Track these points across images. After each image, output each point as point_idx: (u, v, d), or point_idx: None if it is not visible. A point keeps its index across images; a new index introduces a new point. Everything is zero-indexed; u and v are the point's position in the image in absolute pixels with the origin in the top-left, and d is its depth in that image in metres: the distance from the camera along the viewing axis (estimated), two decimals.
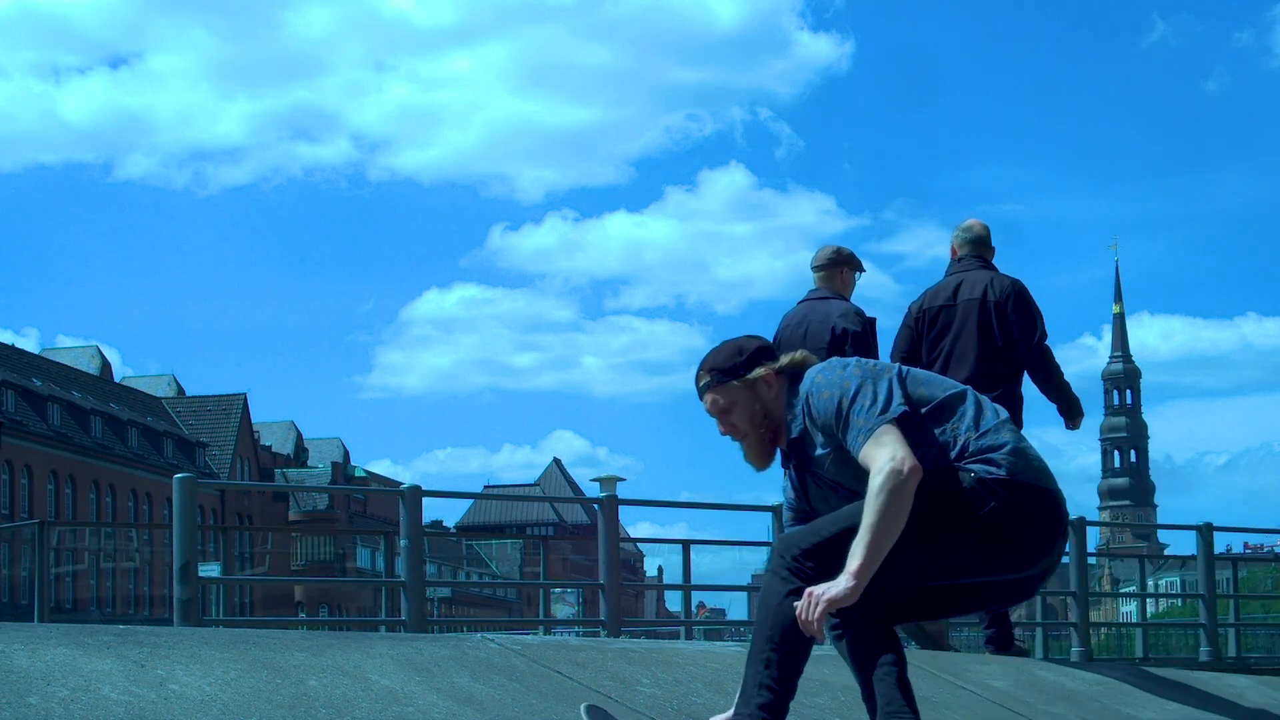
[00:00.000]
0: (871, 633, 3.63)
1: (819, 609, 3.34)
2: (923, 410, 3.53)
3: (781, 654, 3.50)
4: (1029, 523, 3.51)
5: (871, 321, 7.12)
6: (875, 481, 3.36)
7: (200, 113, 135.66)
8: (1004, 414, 3.62)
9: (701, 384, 3.71)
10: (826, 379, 3.57)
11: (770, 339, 7.29)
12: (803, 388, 3.61)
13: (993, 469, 3.48)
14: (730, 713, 3.66)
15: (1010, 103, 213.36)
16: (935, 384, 3.63)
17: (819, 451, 3.59)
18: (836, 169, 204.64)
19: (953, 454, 3.50)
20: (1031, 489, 3.51)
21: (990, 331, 6.76)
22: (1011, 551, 3.52)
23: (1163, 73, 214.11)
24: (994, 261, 7.13)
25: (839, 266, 7.27)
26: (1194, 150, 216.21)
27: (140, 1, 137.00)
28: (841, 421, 3.49)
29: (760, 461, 3.70)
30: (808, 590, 3.37)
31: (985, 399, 3.65)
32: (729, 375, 3.66)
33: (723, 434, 3.70)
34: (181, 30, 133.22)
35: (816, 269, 7.32)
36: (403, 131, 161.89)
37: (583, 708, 3.84)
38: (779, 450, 3.72)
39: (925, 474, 3.40)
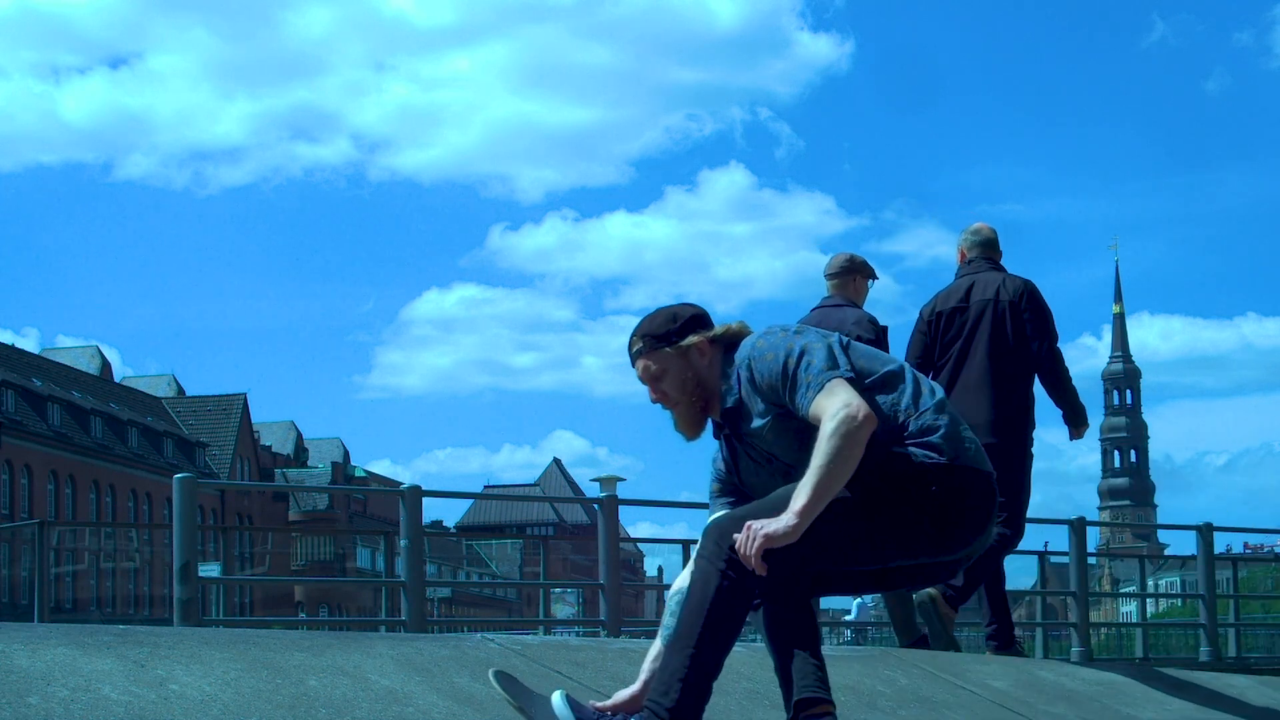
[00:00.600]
0: (791, 605, 3.57)
1: (757, 543, 3.28)
2: (865, 382, 3.48)
3: (706, 648, 3.40)
4: (966, 507, 3.48)
5: (884, 330, 7.17)
6: (828, 426, 3.30)
7: (200, 113, 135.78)
8: (940, 392, 3.58)
9: (634, 350, 3.65)
10: (769, 343, 3.52)
11: None
12: (740, 355, 3.55)
13: (932, 454, 3.44)
14: (637, 686, 3.62)
15: (1010, 103, 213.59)
16: (875, 359, 3.58)
17: (756, 422, 3.53)
18: (836, 169, 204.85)
19: (891, 429, 3.46)
20: (969, 472, 3.48)
21: (1003, 333, 6.76)
22: (947, 535, 3.49)
23: (1163, 73, 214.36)
24: (1008, 269, 7.14)
25: (852, 274, 7.35)
26: (1194, 150, 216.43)
27: (140, 1, 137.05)
28: (788, 381, 3.43)
29: (691, 431, 3.64)
30: (747, 523, 3.30)
31: (923, 377, 3.61)
32: (662, 342, 3.60)
33: (653, 401, 3.64)
34: (181, 30, 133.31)
35: (830, 276, 7.40)
36: (403, 131, 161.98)
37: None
38: (710, 420, 3.66)
39: (869, 450, 3.36)
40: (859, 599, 22.87)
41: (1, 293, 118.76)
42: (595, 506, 9.98)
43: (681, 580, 3.64)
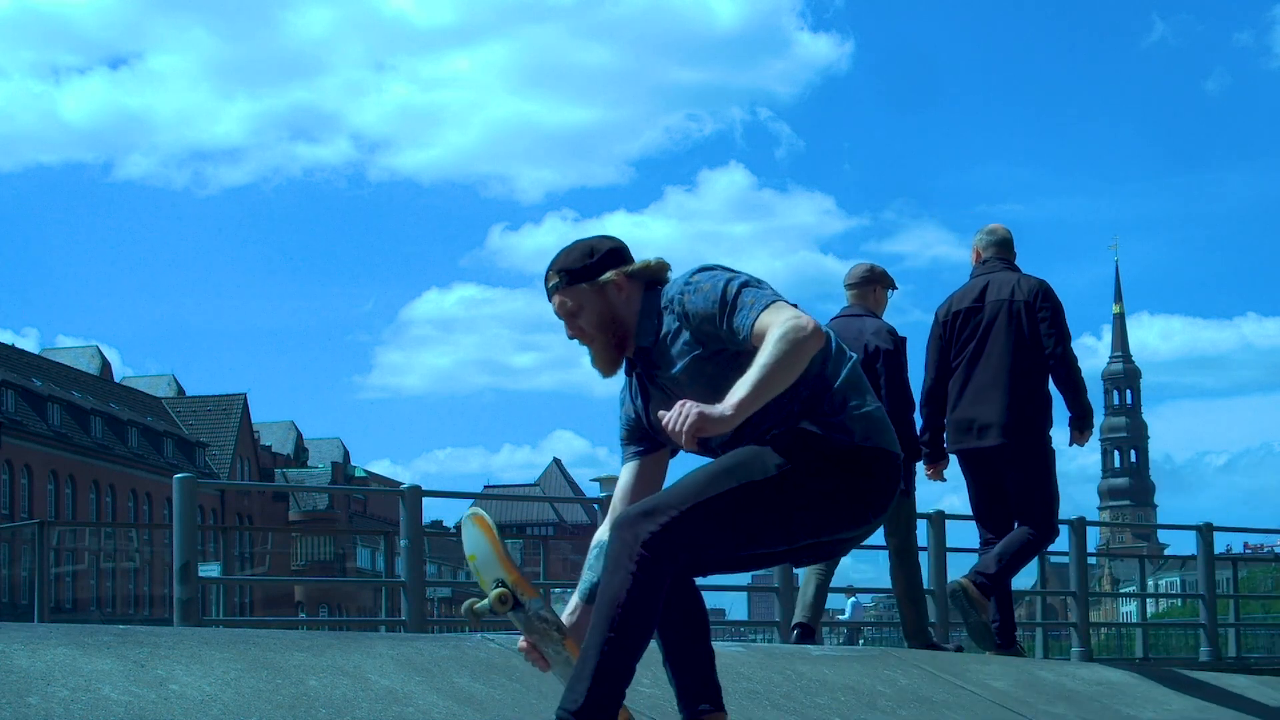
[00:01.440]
0: (684, 588, 3.49)
1: (690, 420, 3.12)
2: None
3: (615, 649, 3.28)
4: (873, 488, 3.43)
5: (903, 340, 7.23)
6: (775, 333, 3.21)
7: (200, 113, 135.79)
8: (856, 365, 3.50)
9: (549, 285, 3.53)
10: (706, 276, 3.42)
11: None
12: (671, 290, 3.44)
13: (844, 434, 3.38)
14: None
15: (1010, 103, 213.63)
16: None
17: (672, 364, 3.41)
18: (836, 169, 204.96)
19: (807, 398, 3.40)
20: (879, 452, 3.42)
21: (1019, 332, 6.77)
22: (854, 515, 3.45)
23: (1163, 73, 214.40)
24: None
25: (872, 284, 7.41)
26: (1194, 150, 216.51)
27: (140, 1, 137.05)
28: (727, 306, 3.32)
29: (607, 368, 3.51)
30: (680, 401, 3.17)
31: (845, 346, 3.53)
32: (579, 277, 3.49)
33: (570, 337, 3.52)
34: (181, 30, 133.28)
35: (850, 286, 7.46)
36: (403, 131, 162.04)
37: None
38: (625, 359, 3.55)
39: (784, 424, 3.33)
40: (853, 599, 22.72)
41: (1, 293, 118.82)
42: (595, 506, 9.98)
43: (601, 533, 3.55)
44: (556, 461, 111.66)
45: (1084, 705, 5.84)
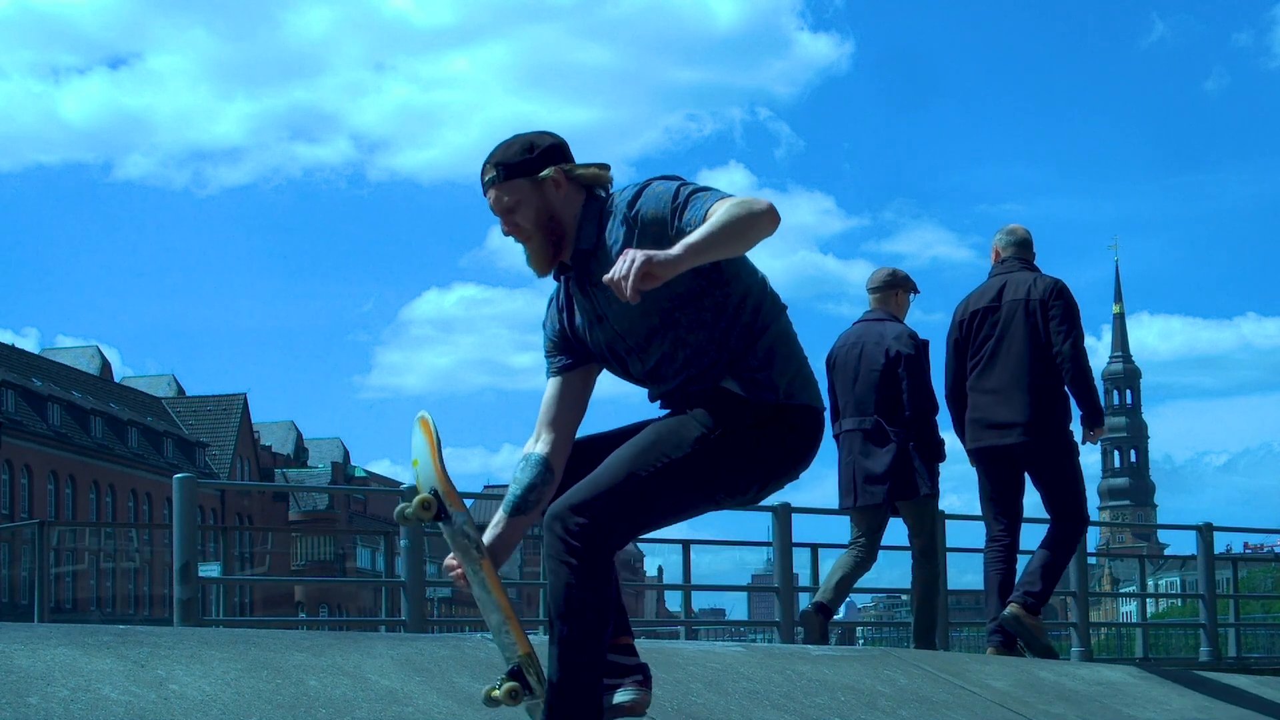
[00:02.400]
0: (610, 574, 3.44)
1: (636, 264, 3.03)
2: (738, 268, 3.41)
3: (573, 646, 3.29)
4: (796, 444, 3.43)
5: (925, 343, 7.32)
6: (729, 202, 3.18)
7: (199, 113, 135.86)
8: (786, 314, 3.47)
9: (486, 179, 3.43)
10: (661, 182, 3.35)
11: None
12: (624, 197, 3.37)
13: (768, 392, 3.36)
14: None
15: (1010, 103, 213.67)
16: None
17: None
18: (836, 169, 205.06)
19: (735, 347, 3.37)
20: (802, 409, 3.42)
21: (1036, 332, 6.84)
22: (773, 470, 3.43)
23: (1163, 73, 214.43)
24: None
25: (894, 289, 7.53)
26: (1194, 150, 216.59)
27: (140, 1, 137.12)
28: (679, 204, 3.28)
29: (542, 267, 3.44)
30: (627, 250, 3.08)
31: (776, 294, 3.49)
32: (517, 172, 3.39)
33: (506, 234, 3.45)
34: (181, 30, 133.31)
35: (872, 291, 7.57)
36: (402, 131, 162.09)
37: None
38: (560, 262, 3.48)
39: (709, 374, 3.31)
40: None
41: (1, 293, 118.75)
42: None
43: (530, 445, 3.49)
44: None
45: (1084, 705, 5.84)
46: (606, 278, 3.08)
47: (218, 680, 3.83)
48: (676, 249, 3.09)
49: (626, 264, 3.04)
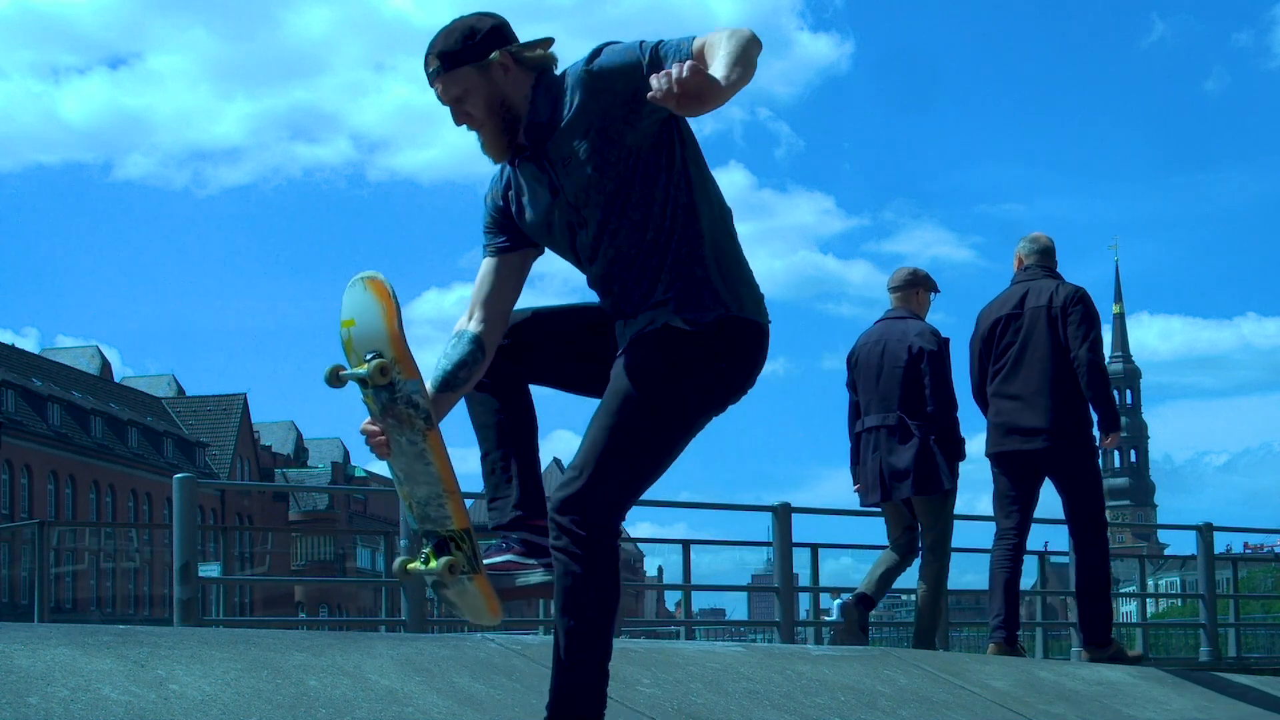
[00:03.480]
0: (515, 393, 3.43)
1: (689, 73, 2.90)
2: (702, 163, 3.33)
3: (592, 633, 3.26)
4: (748, 362, 3.36)
5: (946, 341, 7.46)
6: (724, 31, 3.09)
7: (199, 113, 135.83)
8: (731, 218, 3.39)
9: (430, 70, 3.30)
10: (616, 44, 3.24)
11: (858, 353, 7.50)
12: (580, 64, 3.25)
13: (722, 308, 3.29)
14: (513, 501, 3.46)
15: (1010, 103, 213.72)
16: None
17: (572, 141, 3.22)
18: (836, 169, 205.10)
19: (709, 260, 3.30)
20: (752, 325, 3.35)
21: (1058, 338, 6.96)
22: (730, 392, 3.37)
23: (1163, 73, 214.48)
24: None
25: (914, 287, 7.67)
26: (1194, 150, 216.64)
27: (139, 1, 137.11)
28: (650, 45, 3.17)
29: (499, 154, 3.32)
30: (670, 69, 2.93)
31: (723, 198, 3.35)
32: (461, 60, 3.27)
33: (457, 124, 3.32)
34: (181, 30, 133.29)
35: (893, 289, 7.71)
36: (402, 131, 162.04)
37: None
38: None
39: (671, 287, 3.25)
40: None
41: (1, 293, 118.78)
42: None
43: (462, 324, 3.40)
44: (556, 461, 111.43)
45: (1084, 705, 5.85)
46: (656, 85, 2.92)
47: (218, 680, 3.83)
48: (720, 80, 2.96)
49: (678, 74, 2.91)
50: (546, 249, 3.47)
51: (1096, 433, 7.03)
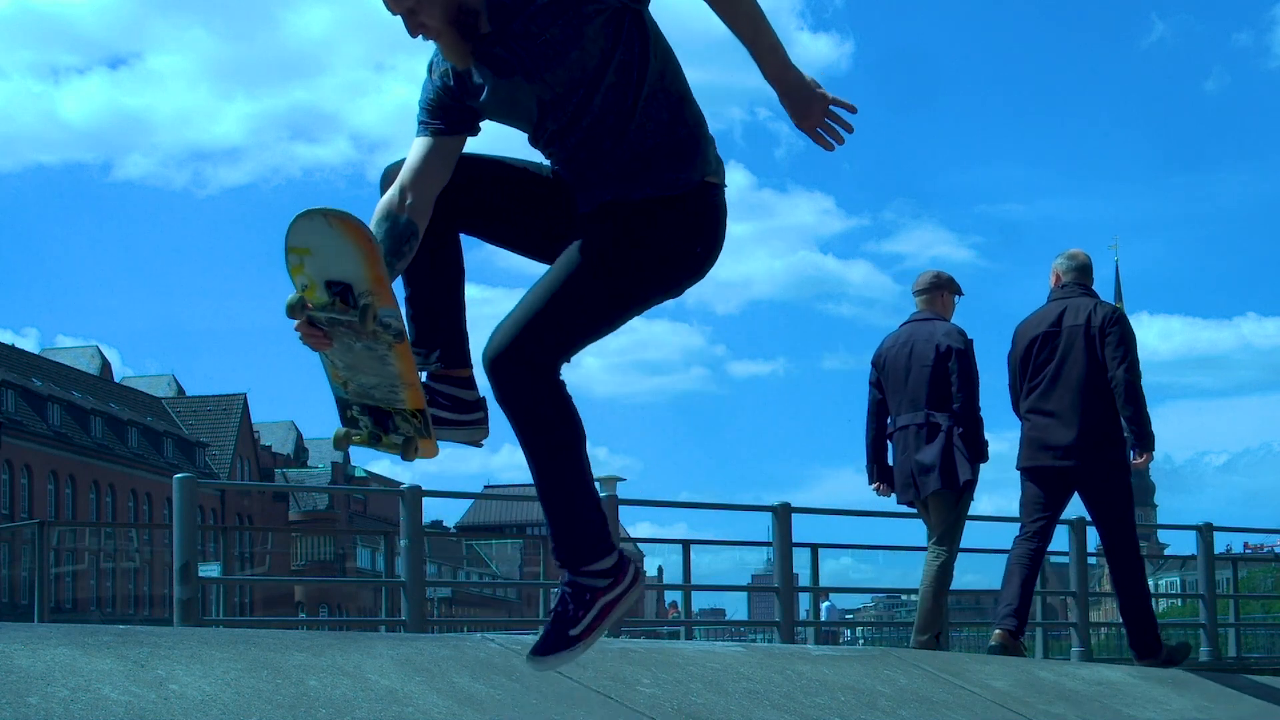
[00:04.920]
0: (452, 239, 3.30)
1: (824, 108, 3.15)
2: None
3: (562, 465, 3.17)
4: (715, 225, 3.26)
5: (971, 342, 7.59)
6: None
7: (199, 113, 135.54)
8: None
9: None
10: None
11: (872, 357, 7.64)
12: None
13: (694, 170, 3.19)
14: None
15: (1010, 103, 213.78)
16: None
17: (544, 14, 3.06)
18: (836, 169, 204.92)
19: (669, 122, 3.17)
20: (715, 187, 3.25)
21: (1094, 357, 7.10)
22: (699, 263, 3.27)
23: (1162, 73, 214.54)
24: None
25: (939, 290, 7.84)
26: (1194, 150, 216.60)
27: (139, 1, 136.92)
28: None
29: (463, 59, 3.15)
30: (811, 92, 3.11)
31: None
32: None
33: (413, 36, 3.18)
34: (180, 30, 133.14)
35: (918, 293, 7.88)
36: (402, 132, 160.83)
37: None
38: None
39: (643, 156, 3.14)
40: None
41: (1, 293, 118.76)
42: None
43: (395, 205, 3.21)
44: None
45: (1084, 705, 5.85)
46: (806, 125, 3.19)
47: (218, 680, 3.83)
48: (799, 74, 3.14)
49: (820, 110, 3.15)
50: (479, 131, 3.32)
51: (1129, 451, 7.18)
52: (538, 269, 3.35)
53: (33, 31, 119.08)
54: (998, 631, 7.07)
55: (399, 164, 3.29)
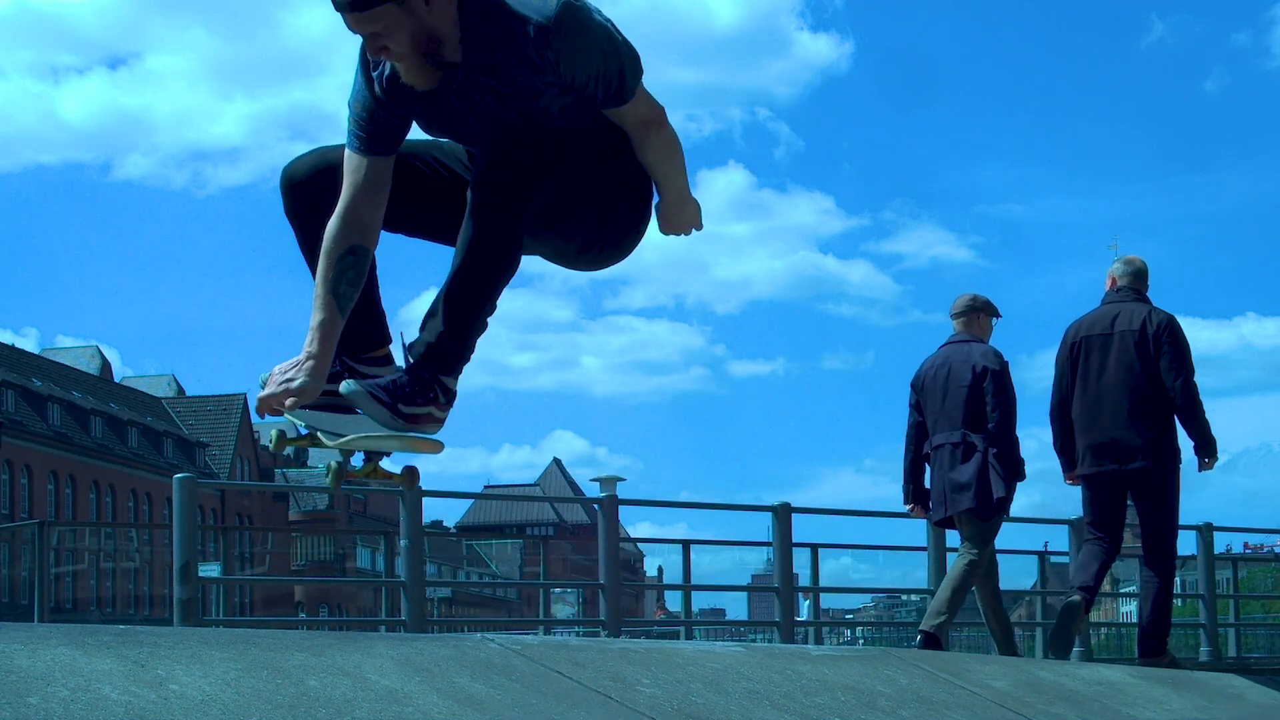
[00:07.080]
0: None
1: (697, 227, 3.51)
2: None
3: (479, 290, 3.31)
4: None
5: (1006, 364, 7.74)
6: (669, 130, 3.31)
7: (199, 113, 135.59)
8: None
9: (338, 3, 3.17)
10: (590, 23, 3.13)
11: (913, 383, 7.74)
12: (530, 17, 3.07)
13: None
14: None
15: (1010, 103, 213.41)
16: None
17: (511, 74, 3.10)
18: (836, 169, 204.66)
19: None
20: None
21: (1147, 363, 7.26)
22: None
23: (1162, 73, 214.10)
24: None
25: (976, 313, 7.97)
26: (1194, 150, 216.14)
27: (139, 2, 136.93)
28: (614, 82, 3.17)
29: (424, 80, 3.14)
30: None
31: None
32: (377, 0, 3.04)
33: (373, 56, 3.17)
34: (180, 30, 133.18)
35: (955, 316, 8.01)
36: None
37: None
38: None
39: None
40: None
41: (1, 293, 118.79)
42: (595, 506, 9.99)
43: (351, 236, 3.28)
44: (556, 461, 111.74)
45: (1084, 705, 5.85)
46: (671, 232, 3.46)
47: (218, 680, 3.83)
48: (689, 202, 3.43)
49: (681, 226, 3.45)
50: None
51: (1183, 460, 7.42)
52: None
53: (32, 31, 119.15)
54: (1079, 595, 7.36)
55: (308, 160, 3.39)
